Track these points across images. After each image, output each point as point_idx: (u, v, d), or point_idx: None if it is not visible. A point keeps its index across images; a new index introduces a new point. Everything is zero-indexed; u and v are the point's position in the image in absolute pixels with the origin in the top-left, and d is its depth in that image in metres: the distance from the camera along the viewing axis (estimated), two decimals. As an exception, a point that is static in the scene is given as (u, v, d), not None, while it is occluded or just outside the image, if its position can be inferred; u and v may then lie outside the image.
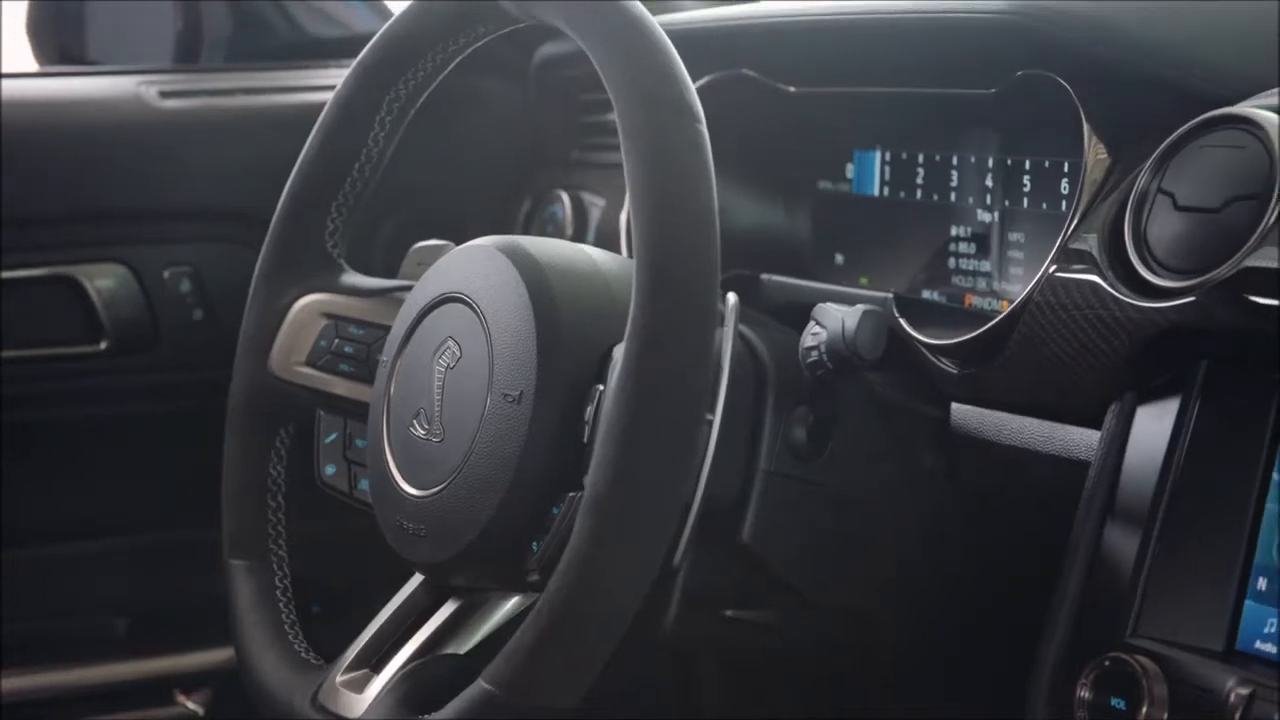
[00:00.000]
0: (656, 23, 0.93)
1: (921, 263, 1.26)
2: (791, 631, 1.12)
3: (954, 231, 1.24)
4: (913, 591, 1.14)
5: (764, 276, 1.30)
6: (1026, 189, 1.17)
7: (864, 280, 1.30)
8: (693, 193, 0.87)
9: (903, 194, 1.28)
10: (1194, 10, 1.10)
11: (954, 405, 1.13)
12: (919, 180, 1.26)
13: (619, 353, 0.88)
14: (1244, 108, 0.94)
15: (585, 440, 0.92)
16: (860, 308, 1.03)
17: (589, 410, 0.93)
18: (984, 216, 1.21)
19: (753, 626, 1.10)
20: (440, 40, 1.08)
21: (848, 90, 1.29)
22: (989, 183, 1.21)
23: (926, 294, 1.26)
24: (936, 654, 1.18)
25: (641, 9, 0.93)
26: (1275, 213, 0.89)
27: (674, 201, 0.87)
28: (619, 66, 0.91)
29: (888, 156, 1.29)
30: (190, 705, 1.65)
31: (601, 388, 0.92)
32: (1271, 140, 0.91)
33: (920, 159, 1.26)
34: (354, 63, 1.13)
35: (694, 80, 1.30)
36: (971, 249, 1.23)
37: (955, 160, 1.23)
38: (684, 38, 1.33)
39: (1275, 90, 0.97)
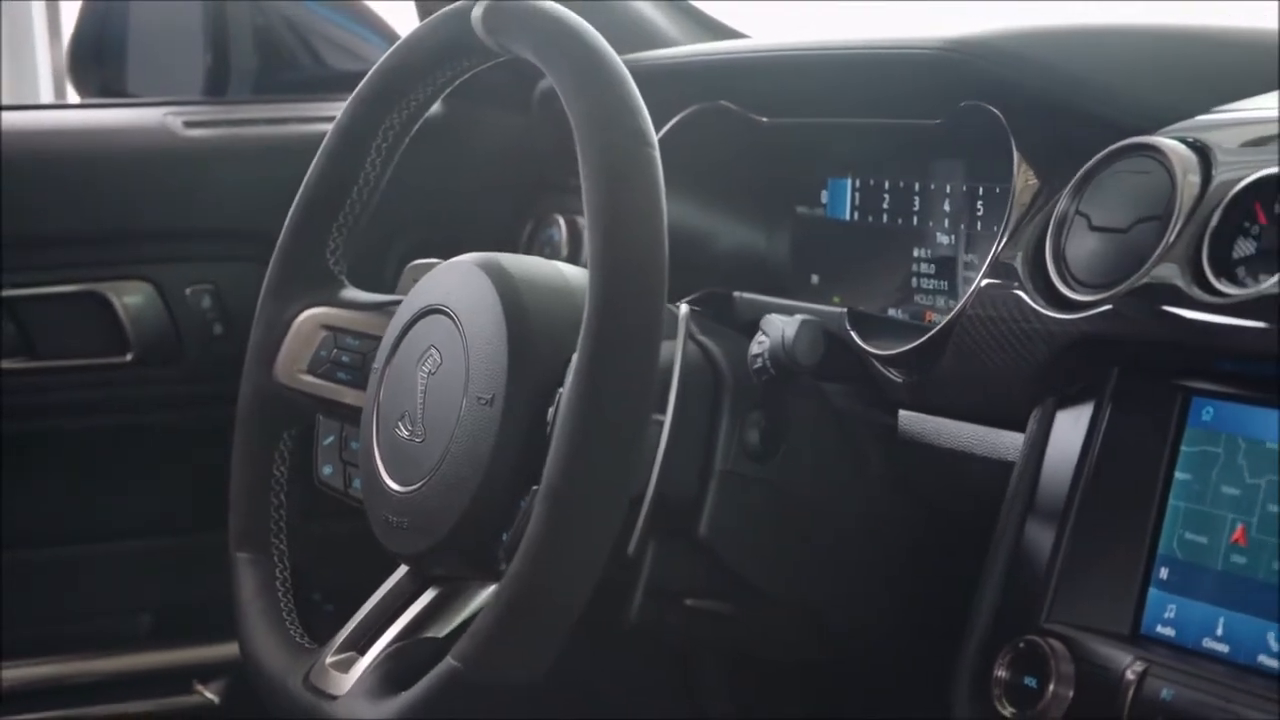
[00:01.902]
0: (615, 55, 0.98)
1: (888, 282, 1.33)
2: (748, 622, 1.17)
3: (916, 253, 1.30)
4: (860, 586, 1.19)
5: (736, 294, 1.35)
6: (980, 213, 1.24)
7: (836, 299, 1.36)
8: (642, 212, 0.94)
9: (871, 218, 1.34)
10: (1117, 47, 1.17)
11: (901, 412, 1.18)
12: (885, 205, 1.33)
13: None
14: (1153, 136, 1.01)
15: (548, 438, 0.97)
16: (799, 318, 1.08)
17: (551, 411, 0.99)
18: (943, 239, 1.28)
19: (713, 617, 1.15)
20: (429, 73, 1.15)
21: (813, 120, 1.36)
22: (946, 207, 1.27)
23: (893, 312, 1.31)
24: (884, 646, 1.22)
25: (601, 42, 0.99)
26: (1174, 232, 0.96)
27: (624, 220, 0.93)
28: (578, 94, 0.97)
29: (858, 183, 1.36)
30: (207, 694, 1.70)
31: (562, 391, 0.98)
32: (1173, 166, 0.98)
33: (886, 185, 1.33)
34: (352, 94, 1.19)
35: (678, 111, 1.39)
36: (932, 269, 1.29)
37: (917, 186, 1.30)
38: (666, 72, 1.42)
39: (1188, 122, 1.04)
